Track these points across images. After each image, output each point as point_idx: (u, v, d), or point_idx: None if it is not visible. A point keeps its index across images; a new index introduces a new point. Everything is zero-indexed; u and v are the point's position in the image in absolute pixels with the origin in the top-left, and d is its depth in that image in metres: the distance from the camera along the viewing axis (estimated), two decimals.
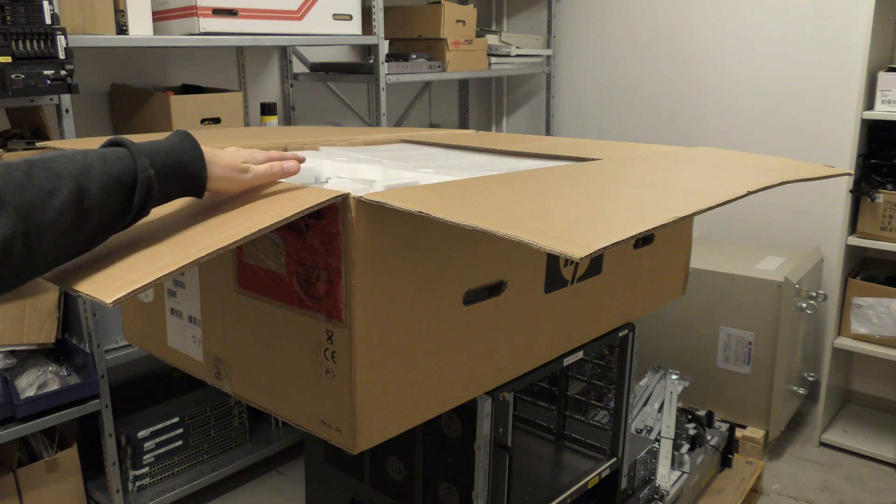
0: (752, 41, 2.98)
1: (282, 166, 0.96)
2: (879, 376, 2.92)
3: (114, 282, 0.72)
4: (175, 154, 0.85)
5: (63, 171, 0.75)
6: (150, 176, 0.81)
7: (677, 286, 1.62)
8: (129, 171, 0.80)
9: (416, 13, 2.96)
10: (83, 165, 0.77)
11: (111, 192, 0.78)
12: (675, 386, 2.31)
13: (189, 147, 0.87)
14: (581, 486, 1.55)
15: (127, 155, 0.81)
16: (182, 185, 0.87)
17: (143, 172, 0.80)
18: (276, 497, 2.47)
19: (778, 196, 2.97)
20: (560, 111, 3.60)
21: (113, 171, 0.78)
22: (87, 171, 0.76)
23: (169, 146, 0.86)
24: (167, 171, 0.84)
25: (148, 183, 0.81)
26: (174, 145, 0.86)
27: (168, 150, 0.85)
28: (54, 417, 1.98)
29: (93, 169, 0.77)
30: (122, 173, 0.79)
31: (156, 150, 0.84)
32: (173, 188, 0.86)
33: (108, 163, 0.79)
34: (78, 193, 0.75)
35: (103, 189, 0.77)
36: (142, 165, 0.81)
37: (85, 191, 0.75)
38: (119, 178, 0.79)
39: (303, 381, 1.00)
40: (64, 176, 0.74)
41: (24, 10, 1.74)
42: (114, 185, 0.78)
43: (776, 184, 1.12)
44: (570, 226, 0.82)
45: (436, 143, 1.67)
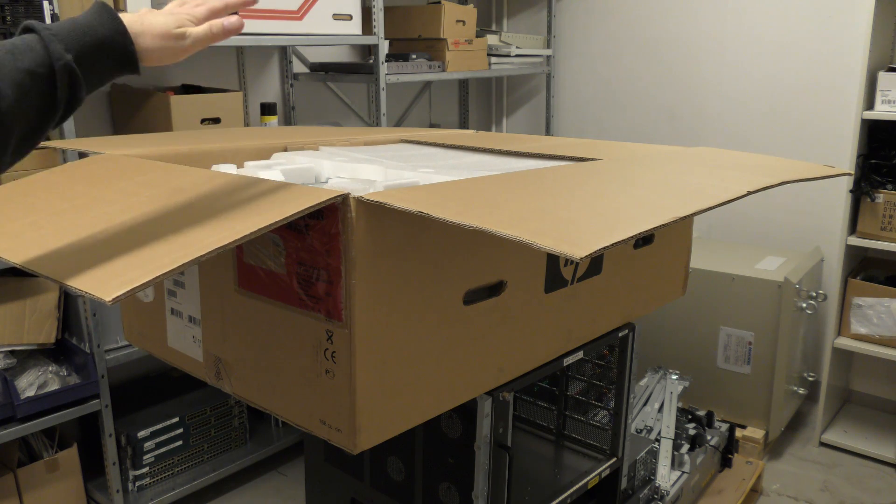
0: (751, 41, 2.98)
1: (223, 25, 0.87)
2: (879, 376, 2.92)
3: (113, 280, 0.72)
4: (93, 31, 0.77)
5: None
6: (67, 62, 0.73)
7: (677, 286, 1.62)
8: (44, 60, 0.72)
9: (416, 13, 2.96)
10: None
11: (28, 88, 0.71)
12: (675, 386, 2.31)
13: (107, 20, 0.78)
14: (581, 486, 1.55)
15: (38, 42, 0.73)
16: (111, 64, 0.79)
17: (58, 60, 0.73)
18: (276, 497, 2.47)
19: (778, 196, 2.97)
20: (560, 111, 3.60)
21: (25, 65, 0.71)
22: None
23: (84, 23, 0.77)
24: (89, 52, 0.76)
25: (68, 70, 0.73)
26: (90, 21, 0.78)
27: (84, 28, 0.76)
28: (54, 417, 1.98)
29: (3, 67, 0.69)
30: (37, 65, 0.71)
31: (70, 31, 0.75)
32: (102, 69, 0.78)
33: (18, 56, 0.71)
34: None
35: (18, 86, 0.70)
36: (56, 52, 0.73)
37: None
38: (33, 71, 0.71)
39: (303, 381, 1.00)
40: None
41: (24, 10, 1.74)
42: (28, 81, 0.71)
43: (776, 184, 1.12)
44: (570, 226, 0.82)
45: (436, 143, 1.67)
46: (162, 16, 0.83)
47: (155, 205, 0.94)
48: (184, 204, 0.94)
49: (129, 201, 0.96)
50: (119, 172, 1.10)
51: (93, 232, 0.87)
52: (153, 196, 0.97)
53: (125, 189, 1.01)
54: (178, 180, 1.03)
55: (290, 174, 1.18)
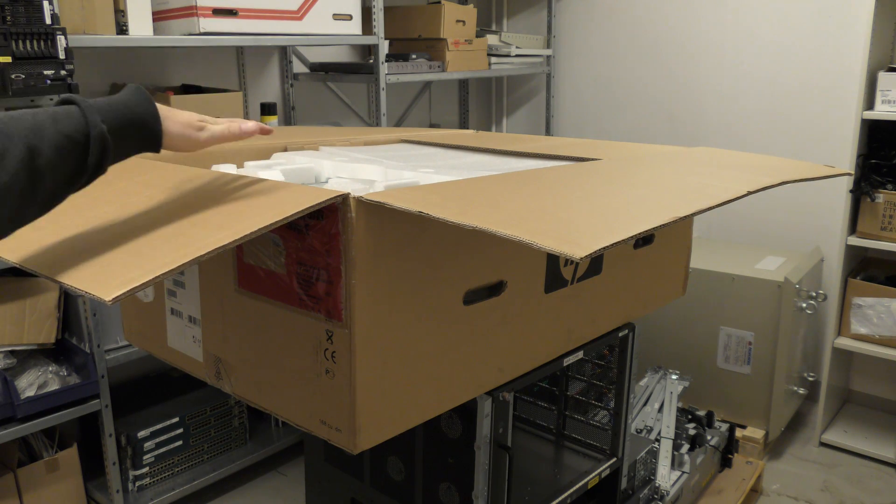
0: (751, 41, 2.98)
1: (240, 127, 0.98)
2: (879, 376, 2.92)
3: (113, 279, 0.72)
4: (128, 109, 0.84)
5: (13, 132, 0.73)
6: (102, 132, 0.79)
7: (677, 286, 1.62)
8: (81, 128, 0.78)
9: (416, 13, 2.96)
10: (33, 125, 0.75)
11: (64, 150, 0.76)
12: (675, 386, 2.31)
13: (142, 101, 0.86)
14: (581, 486, 1.55)
15: (77, 112, 0.79)
16: (138, 141, 0.86)
17: (94, 129, 0.79)
18: (276, 497, 2.47)
19: (778, 196, 2.97)
20: (560, 111, 3.60)
21: (64, 130, 0.77)
22: (37, 131, 0.74)
23: (122, 101, 0.84)
24: (121, 126, 0.82)
25: (101, 139, 0.79)
26: (127, 100, 0.85)
27: (121, 105, 0.83)
28: (54, 417, 1.98)
29: (44, 128, 0.75)
30: (74, 131, 0.77)
31: (108, 106, 0.82)
32: (129, 144, 0.85)
33: (58, 121, 0.77)
34: (30, 154, 0.73)
35: (56, 148, 0.75)
36: (93, 121, 0.79)
37: (37, 151, 0.73)
38: (71, 136, 0.77)
39: (303, 381, 1.00)
40: (14, 137, 0.72)
41: (24, 10, 1.74)
42: (66, 144, 0.76)
43: (776, 184, 1.12)
44: (570, 226, 0.82)
45: (436, 143, 1.67)
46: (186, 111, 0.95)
47: (155, 205, 0.94)
48: (184, 204, 0.94)
49: (128, 201, 0.96)
50: (119, 172, 1.10)
51: (93, 232, 0.87)
52: (153, 196, 0.97)
53: (125, 189, 1.01)
54: (177, 180, 1.03)
55: (290, 174, 1.18)
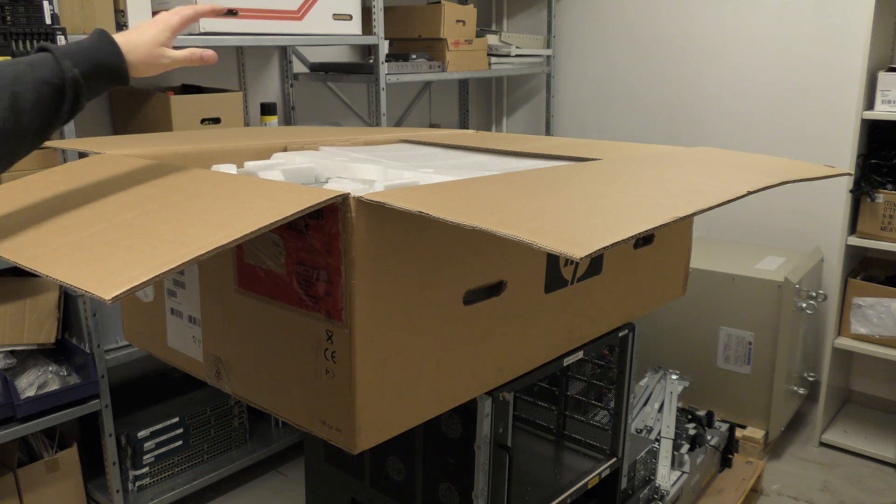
0: (752, 41, 2.98)
1: (201, 55, 1.08)
2: (879, 376, 2.92)
3: (113, 278, 0.72)
4: (94, 52, 0.96)
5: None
6: (75, 75, 0.91)
7: (677, 286, 1.62)
8: (56, 73, 0.90)
9: (416, 13, 2.96)
10: (14, 74, 0.87)
11: (43, 94, 0.88)
12: (675, 386, 2.31)
13: (106, 44, 0.98)
14: (581, 486, 1.55)
15: (52, 59, 0.91)
16: (107, 79, 0.97)
17: (68, 73, 0.91)
18: (276, 497, 2.47)
19: (778, 196, 2.97)
20: (560, 111, 3.60)
21: (41, 76, 0.89)
22: (18, 79, 0.87)
23: (88, 45, 0.96)
24: (91, 68, 0.94)
25: (74, 82, 0.91)
26: (92, 44, 0.97)
27: (87, 50, 0.95)
28: (54, 417, 1.98)
29: (24, 76, 0.87)
30: (50, 76, 0.89)
31: (77, 52, 0.94)
32: (100, 83, 0.97)
33: (36, 69, 0.89)
34: (13, 99, 0.85)
35: (36, 93, 0.88)
36: (66, 66, 0.91)
37: (20, 96, 0.86)
38: (48, 81, 0.89)
39: (303, 381, 1.00)
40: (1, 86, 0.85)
41: (24, 10, 1.74)
42: (44, 88, 0.88)
43: (776, 184, 1.12)
44: (570, 226, 0.82)
45: (436, 143, 1.67)
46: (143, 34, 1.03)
47: (155, 204, 0.94)
48: (183, 203, 0.94)
49: (128, 201, 0.96)
50: (119, 172, 1.10)
51: (92, 231, 0.87)
52: (153, 195, 0.97)
53: (125, 189, 1.01)
54: (177, 180, 1.03)
55: (290, 174, 1.18)
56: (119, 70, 0.98)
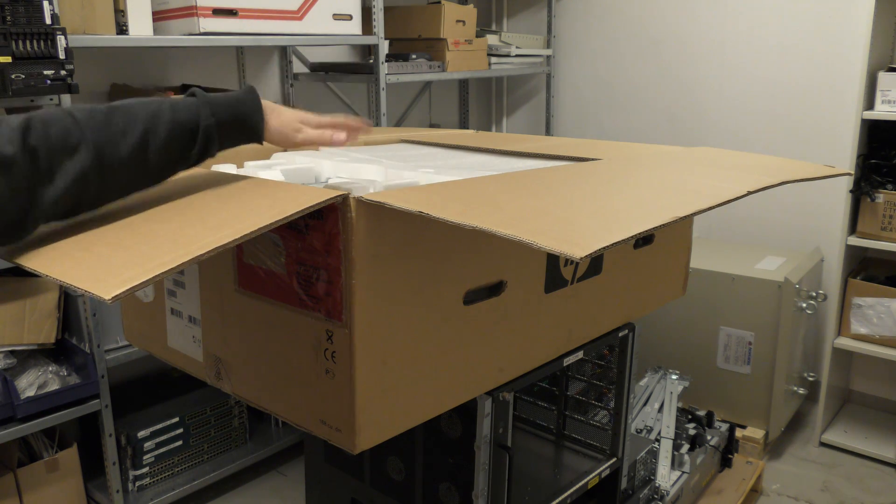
0: (751, 41, 2.98)
1: (332, 136, 1.10)
2: (879, 376, 2.92)
3: (113, 278, 0.72)
4: (238, 105, 0.98)
5: (138, 114, 0.89)
6: (210, 125, 0.94)
7: (677, 286, 1.62)
8: (193, 118, 0.93)
9: (416, 13, 2.96)
10: (155, 111, 0.90)
11: (175, 136, 0.91)
12: (675, 386, 2.31)
13: (251, 100, 1.01)
14: (581, 486, 1.55)
15: (194, 104, 0.94)
16: (242, 135, 1.00)
17: (204, 121, 0.93)
18: (276, 497, 2.47)
19: (778, 196, 2.97)
20: (560, 111, 3.60)
21: (179, 118, 0.91)
22: (156, 117, 0.90)
23: (234, 97, 0.99)
24: (228, 121, 0.97)
25: (208, 131, 0.94)
26: (239, 98, 0.99)
27: (232, 101, 0.98)
28: (54, 417, 1.98)
29: (162, 115, 0.90)
30: (187, 120, 0.92)
31: (220, 102, 0.96)
32: (234, 135, 0.99)
33: (176, 110, 0.92)
34: (146, 136, 0.88)
35: (169, 133, 0.90)
36: (204, 114, 0.93)
37: (153, 133, 0.89)
38: (184, 125, 0.92)
39: (303, 381, 1.00)
40: (138, 119, 0.88)
41: (24, 10, 1.74)
42: (178, 131, 0.91)
43: (776, 184, 1.12)
44: (570, 226, 0.82)
45: (436, 143, 1.67)
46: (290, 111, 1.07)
47: (154, 204, 0.94)
48: (183, 203, 0.94)
49: (128, 201, 0.96)
50: None
51: (92, 231, 0.87)
52: (153, 195, 0.97)
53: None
54: (177, 179, 1.03)
55: (290, 174, 1.18)
56: (256, 128, 1.01)
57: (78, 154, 0.83)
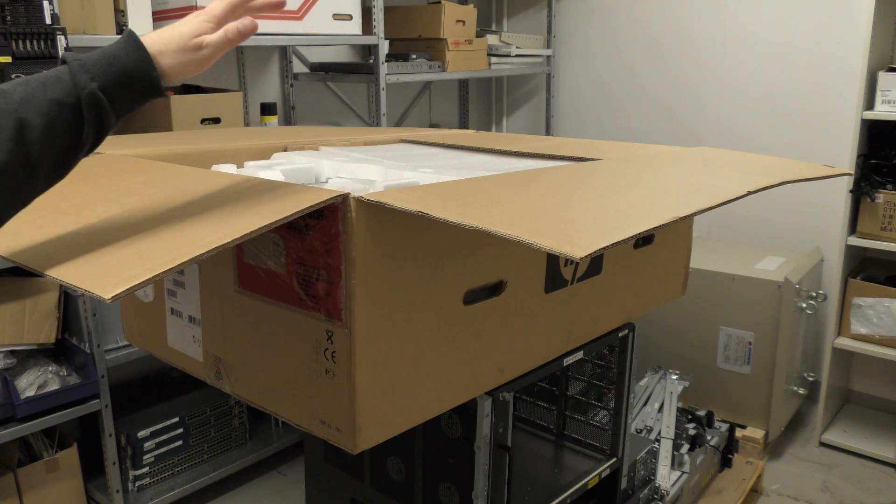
0: (751, 41, 2.98)
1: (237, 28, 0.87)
2: (879, 376, 2.92)
3: (112, 278, 0.72)
4: (118, 59, 0.79)
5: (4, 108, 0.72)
6: (92, 91, 0.76)
7: (677, 286, 1.62)
8: (70, 91, 0.76)
9: (416, 13, 2.96)
10: (24, 97, 0.74)
11: (55, 118, 0.75)
12: (675, 386, 2.31)
13: (132, 49, 0.81)
14: (581, 486, 1.55)
15: (66, 73, 0.76)
16: (137, 91, 0.81)
17: (83, 90, 0.76)
18: (276, 497, 2.47)
19: (778, 196, 2.97)
20: (560, 111, 3.60)
21: (53, 96, 0.75)
22: (27, 103, 0.73)
23: (111, 53, 0.80)
24: (113, 80, 0.78)
25: (93, 99, 0.76)
26: (116, 50, 0.80)
27: (110, 58, 0.79)
28: (54, 417, 1.98)
29: (33, 99, 0.74)
30: (64, 95, 0.75)
31: (97, 62, 0.78)
32: (128, 96, 0.81)
33: (48, 87, 0.75)
34: (19, 127, 0.72)
35: (45, 117, 0.74)
36: (81, 82, 0.76)
37: (27, 123, 0.73)
38: (61, 102, 0.75)
39: (303, 381, 1.00)
40: (5, 114, 0.72)
41: (24, 10, 1.74)
42: (56, 111, 0.75)
43: (776, 184, 1.12)
44: (570, 226, 0.82)
45: (436, 143, 1.67)
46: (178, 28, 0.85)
47: (154, 204, 0.94)
48: (183, 203, 0.94)
49: (128, 201, 0.96)
50: (119, 172, 1.10)
51: (92, 231, 0.87)
52: (153, 195, 0.97)
53: (125, 189, 1.01)
54: (177, 180, 1.03)
55: (290, 174, 1.18)
56: (149, 79, 0.81)
57: None
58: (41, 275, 0.81)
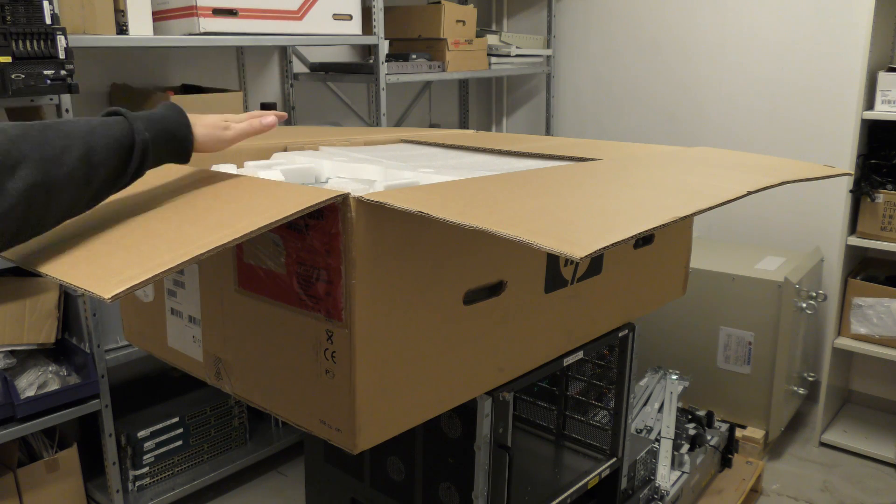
0: (752, 41, 2.98)
1: (261, 121, 1.08)
2: (879, 376, 2.92)
3: (112, 277, 0.72)
4: (165, 121, 0.97)
5: (73, 132, 0.85)
6: (145, 139, 0.92)
7: (677, 286, 1.62)
8: (128, 133, 0.90)
9: (416, 13, 2.96)
10: (89, 128, 0.87)
11: (113, 151, 0.88)
12: (675, 386, 2.31)
13: (176, 115, 0.99)
14: (581, 486, 1.55)
15: (124, 121, 0.92)
16: (172, 149, 0.98)
17: (139, 135, 0.91)
18: (276, 497, 2.47)
19: (778, 196, 2.97)
20: (560, 111, 3.60)
21: (115, 134, 0.89)
22: (92, 133, 0.87)
23: (160, 114, 0.98)
24: (159, 135, 0.95)
25: (144, 145, 0.92)
26: (164, 113, 0.98)
27: (159, 118, 0.96)
28: (54, 417, 1.98)
29: (97, 131, 0.87)
30: (122, 136, 0.90)
31: (148, 118, 0.95)
32: (164, 151, 0.97)
33: (109, 127, 0.89)
34: (87, 151, 0.85)
35: (107, 148, 0.87)
36: (138, 129, 0.92)
37: (93, 149, 0.85)
38: (120, 140, 0.89)
39: (303, 381, 1.00)
40: (74, 136, 0.85)
41: (24, 9, 1.74)
42: (115, 146, 0.88)
43: (776, 184, 1.12)
44: (570, 226, 0.82)
45: (436, 143, 1.67)
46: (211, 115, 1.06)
47: (154, 204, 0.94)
48: (183, 203, 0.94)
49: (128, 200, 0.96)
50: None
51: (92, 230, 0.87)
52: (152, 195, 0.97)
53: (125, 188, 1.01)
54: (177, 179, 1.03)
55: (290, 174, 1.18)
56: (185, 140, 0.99)
57: (19, 172, 0.77)
58: (41, 275, 0.81)
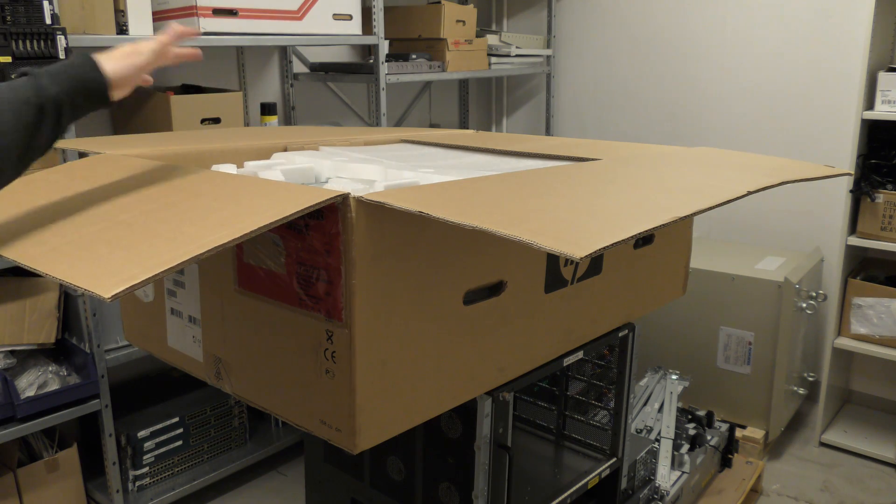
0: (752, 41, 2.98)
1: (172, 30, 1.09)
2: (879, 376, 2.92)
3: (112, 277, 0.72)
4: (72, 69, 0.96)
5: None
6: (53, 94, 0.91)
7: (677, 286, 1.62)
8: (35, 92, 0.90)
9: (416, 13, 2.96)
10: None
11: (22, 114, 0.88)
12: (675, 386, 2.31)
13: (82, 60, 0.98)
14: (581, 486, 1.55)
15: (31, 79, 0.92)
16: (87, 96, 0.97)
17: (45, 91, 0.91)
18: (276, 497, 2.47)
19: (778, 196, 2.97)
20: (560, 111, 3.60)
21: (20, 95, 0.89)
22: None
23: (66, 64, 0.97)
24: (69, 85, 0.94)
25: (55, 101, 0.91)
26: (71, 62, 0.98)
27: (65, 68, 0.96)
28: (54, 417, 1.98)
29: (3, 96, 0.87)
30: (29, 95, 0.89)
31: (55, 72, 0.94)
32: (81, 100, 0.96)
33: (15, 89, 0.89)
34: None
35: (15, 112, 0.87)
36: (44, 85, 0.91)
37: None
38: (27, 101, 0.89)
39: (303, 381, 1.00)
40: None
41: (24, 10, 1.74)
42: (23, 108, 0.88)
43: (776, 184, 1.12)
44: (570, 226, 0.82)
45: (436, 143, 1.67)
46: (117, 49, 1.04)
47: (154, 204, 0.94)
48: (183, 203, 0.94)
49: (128, 200, 0.96)
50: (119, 172, 1.10)
51: (92, 231, 0.87)
52: (153, 195, 0.97)
53: (125, 188, 1.01)
54: (178, 180, 1.03)
55: (290, 174, 1.18)
56: (97, 83, 0.98)
57: None
58: (41, 275, 0.81)
